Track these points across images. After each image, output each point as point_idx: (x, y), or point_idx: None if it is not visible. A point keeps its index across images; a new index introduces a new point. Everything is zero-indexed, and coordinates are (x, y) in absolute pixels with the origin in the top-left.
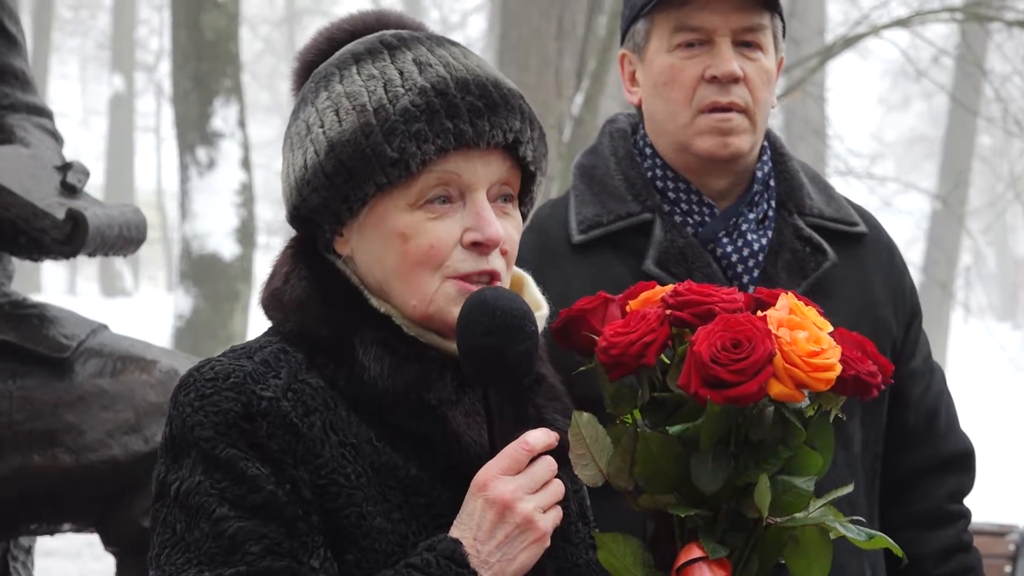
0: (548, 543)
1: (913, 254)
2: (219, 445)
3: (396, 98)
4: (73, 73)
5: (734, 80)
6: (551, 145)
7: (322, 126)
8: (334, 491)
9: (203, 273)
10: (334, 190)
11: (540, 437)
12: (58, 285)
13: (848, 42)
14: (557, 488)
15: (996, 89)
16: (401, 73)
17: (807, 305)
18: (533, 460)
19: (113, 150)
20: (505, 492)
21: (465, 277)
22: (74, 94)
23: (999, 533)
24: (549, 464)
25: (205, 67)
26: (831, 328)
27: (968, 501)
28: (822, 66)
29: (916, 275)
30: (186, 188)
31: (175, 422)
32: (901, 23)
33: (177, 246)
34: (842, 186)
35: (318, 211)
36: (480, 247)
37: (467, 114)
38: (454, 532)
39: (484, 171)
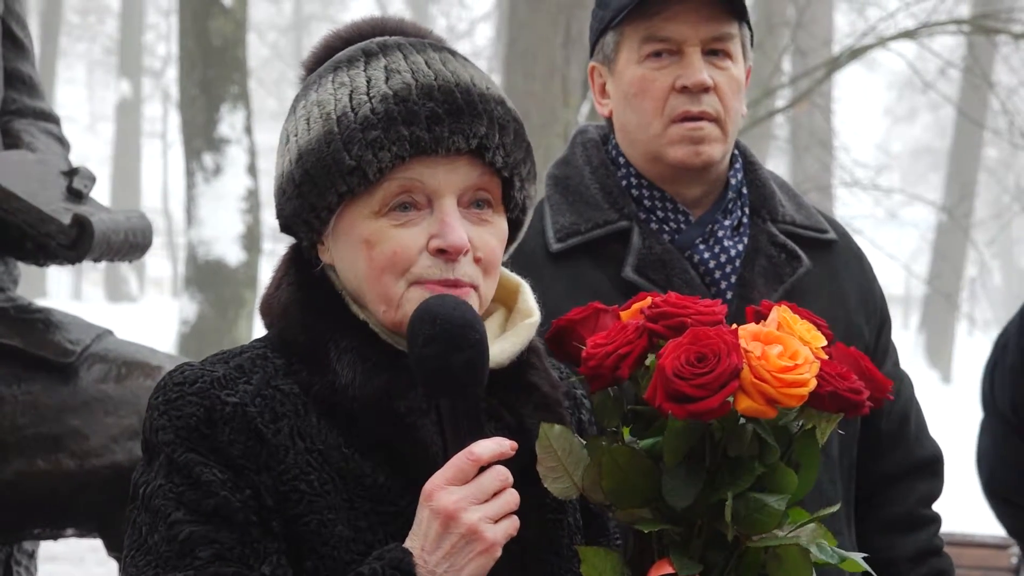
0: (498, 554)
1: (918, 266)
2: (178, 449)
3: (359, 106)
4: (80, 78)
5: (704, 89)
6: (557, 153)
7: (296, 135)
8: (295, 498)
9: (208, 279)
10: (302, 199)
11: (488, 447)
12: (63, 290)
13: (854, 53)
14: (508, 498)
15: (1002, 101)
16: (369, 80)
17: (804, 319)
18: (482, 470)
19: (120, 155)
20: (448, 503)
21: (432, 284)
22: (81, 99)
23: (1001, 546)
24: (498, 474)
25: (212, 73)
26: (824, 342)
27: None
28: (829, 77)
29: (921, 287)
30: (192, 194)
31: (146, 425)
32: (908, 35)
33: (183, 252)
34: (848, 197)
35: (292, 219)
36: (445, 254)
37: (425, 120)
38: (407, 542)
39: (448, 177)
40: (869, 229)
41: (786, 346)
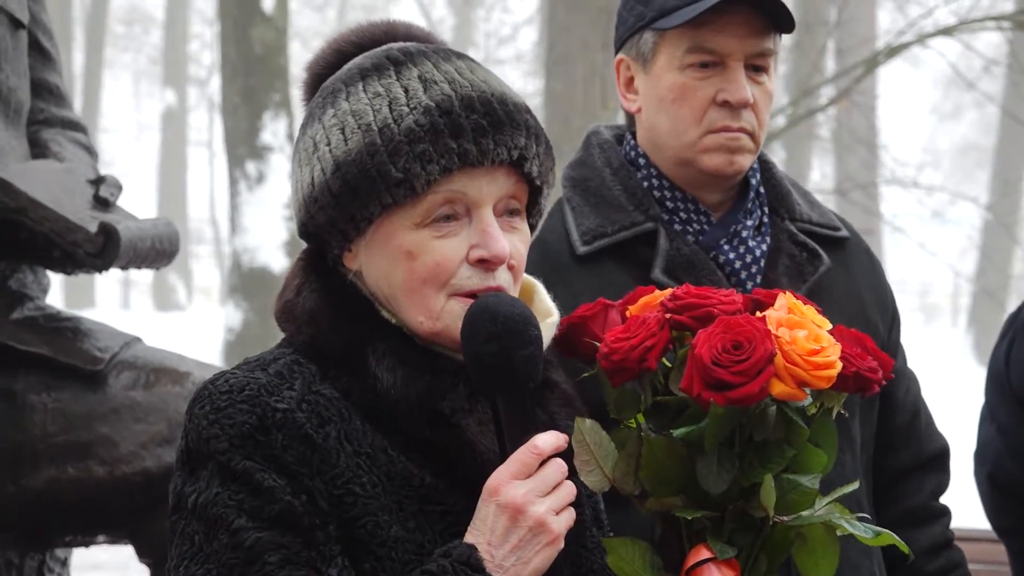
0: (562, 545)
1: (965, 264)
2: (235, 457)
3: (401, 117)
4: (126, 88)
5: (745, 105)
6: None
7: (328, 144)
8: (350, 501)
9: (253, 287)
10: (340, 209)
11: (549, 440)
12: (112, 300)
13: (892, 51)
14: (569, 490)
15: None
16: (406, 91)
17: (805, 304)
18: (543, 463)
19: (166, 164)
20: (516, 496)
21: (471, 294)
22: (127, 109)
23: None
24: (559, 466)
25: (254, 81)
26: (830, 326)
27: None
28: (869, 75)
29: (967, 286)
30: (236, 202)
31: (191, 435)
32: (947, 32)
33: (228, 260)
34: (892, 196)
35: (325, 228)
36: (486, 263)
37: (471, 133)
38: (468, 538)
39: (489, 188)
40: (915, 228)
41: (810, 330)
